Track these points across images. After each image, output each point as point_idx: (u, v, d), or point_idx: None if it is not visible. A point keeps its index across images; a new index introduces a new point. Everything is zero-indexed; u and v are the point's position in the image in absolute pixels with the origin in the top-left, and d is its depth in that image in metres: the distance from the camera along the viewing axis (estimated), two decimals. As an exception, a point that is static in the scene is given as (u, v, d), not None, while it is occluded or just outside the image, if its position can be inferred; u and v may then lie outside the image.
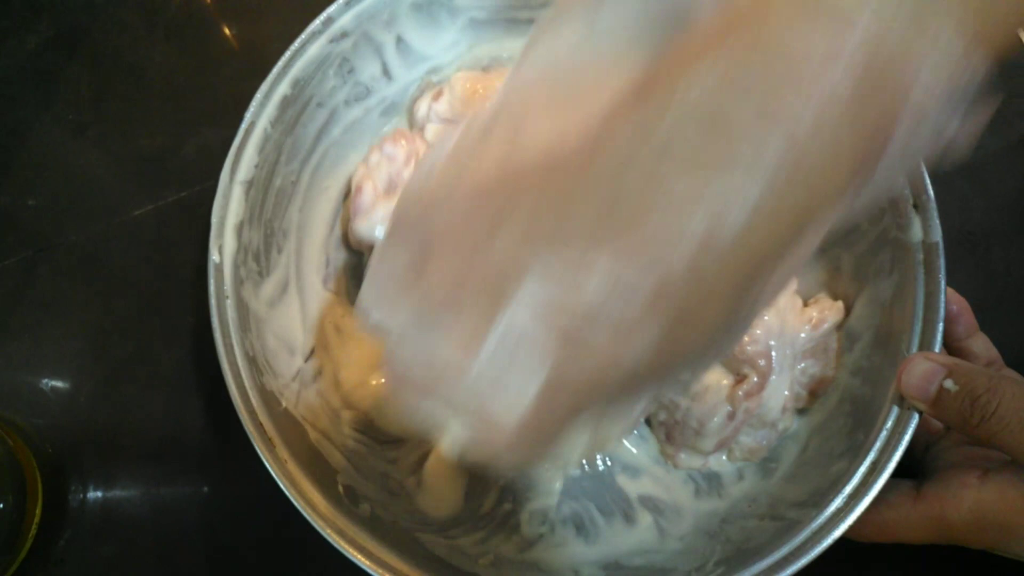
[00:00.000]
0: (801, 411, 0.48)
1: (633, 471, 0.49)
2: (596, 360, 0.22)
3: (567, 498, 0.48)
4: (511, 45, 0.53)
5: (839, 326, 0.48)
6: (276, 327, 0.46)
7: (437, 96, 0.50)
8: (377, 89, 0.52)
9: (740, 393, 0.45)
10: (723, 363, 0.46)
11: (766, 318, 0.45)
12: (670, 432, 0.47)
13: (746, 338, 0.45)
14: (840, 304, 0.48)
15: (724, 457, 0.48)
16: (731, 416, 0.45)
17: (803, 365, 0.47)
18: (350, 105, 0.50)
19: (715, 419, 0.45)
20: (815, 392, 0.48)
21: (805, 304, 0.48)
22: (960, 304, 0.45)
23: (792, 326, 0.46)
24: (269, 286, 0.47)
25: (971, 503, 0.38)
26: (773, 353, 0.45)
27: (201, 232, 0.42)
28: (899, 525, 0.40)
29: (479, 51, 0.53)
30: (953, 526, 0.38)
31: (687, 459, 0.48)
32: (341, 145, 0.51)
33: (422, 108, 0.51)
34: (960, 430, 0.38)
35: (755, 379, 0.45)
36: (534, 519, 0.47)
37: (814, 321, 0.47)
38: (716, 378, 0.46)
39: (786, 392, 0.46)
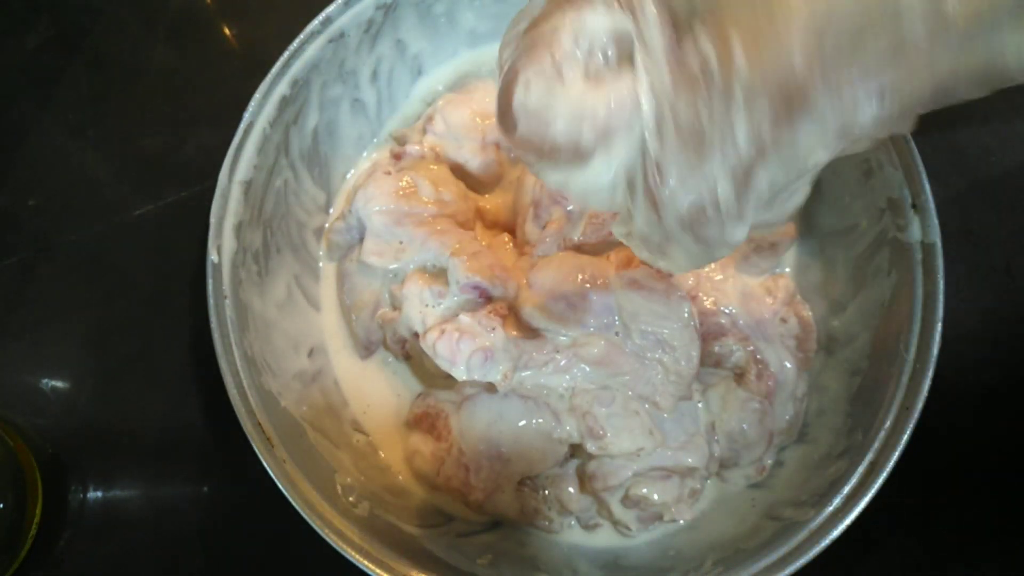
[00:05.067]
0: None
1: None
2: None
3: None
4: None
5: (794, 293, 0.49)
6: (286, 327, 0.47)
7: (429, 120, 0.50)
8: (376, 90, 0.52)
9: (752, 378, 0.45)
10: (714, 369, 0.47)
11: (730, 310, 0.46)
12: (723, 463, 0.47)
13: (715, 338, 0.46)
14: (787, 275, 0.49)
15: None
16: (763, 408, 0.45)
17: (783, 329, 0.48)
18: (351, 106, 0.50)
19: (751, 418, 0.45)
20: (807, 349, 0.48)
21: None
22: None
23: (752, 307, 0.47)
24: (275, 287, 0.47)
25: None
26: (748, 332, 0.46)
27: (201, 232, 0.42)
28: None
29: (478, 58, 0.54)
30: None
31: (740, 474, 0.47)
32: (340, 146, 0.51)
33: (414, 134, 0.51)
34: None
35: (753, 362, 0.45)
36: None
37: (772, 291, 0.48)
38: (724, 387, 0.46)
39: (788, 363, 0.47)
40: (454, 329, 0.42)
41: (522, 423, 0.44)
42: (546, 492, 0.45)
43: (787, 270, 0.50)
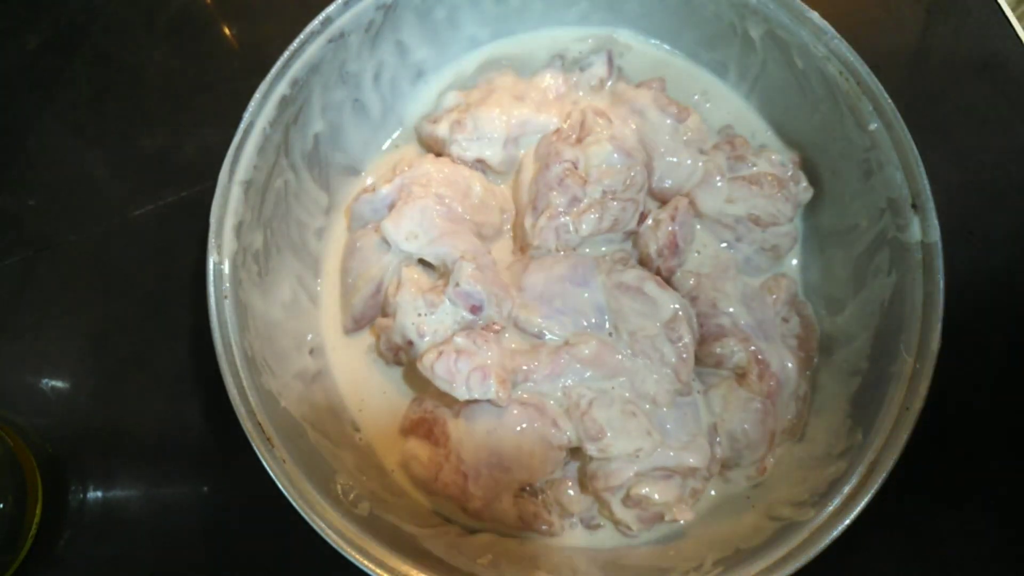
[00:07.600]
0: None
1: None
2: None
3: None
4: (508, 52, 0.54)
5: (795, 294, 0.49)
6: (287, 326, 0.47)
7: (458, 123, 0.50)
8: (376, 91, 0.52)
9: (753, 378, 0.45)
10: (715, 369, 0.47)
11: (731, 310, 0.46)
12: (725, 463, 0.47)
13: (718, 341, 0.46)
14: (788, 274, 0.50)
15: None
16: (764, 408, 0.45)
17: (785, 328, 0.48)
18: (352, 107, 0.50)
19: (753, 418, 0.45)
20: (808, 348, 0.48)
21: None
22: None
23: (753, 307, 0.47)
24: (277, 287, 0.47)
25: None
26: (750, 332, 0.46)
27: (201, 232, 0.42)
28: None
29: (477, 59, 0.54)
30: None
31: (741, 474, 0.47)
32: (342, 147, 0.51)
33: (441, 130, 0.51)
34: None
35: (755, 362, 0.45)
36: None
37: (773, 290, 0.48)
38: (726, 387, 0.46)
39: (789, 363, 0.47)
40: (452, 350, 0.43)
41: (521, 428, 0.44)
42: (546, 495, 0.45)
43: (794, 263, 0.51)
